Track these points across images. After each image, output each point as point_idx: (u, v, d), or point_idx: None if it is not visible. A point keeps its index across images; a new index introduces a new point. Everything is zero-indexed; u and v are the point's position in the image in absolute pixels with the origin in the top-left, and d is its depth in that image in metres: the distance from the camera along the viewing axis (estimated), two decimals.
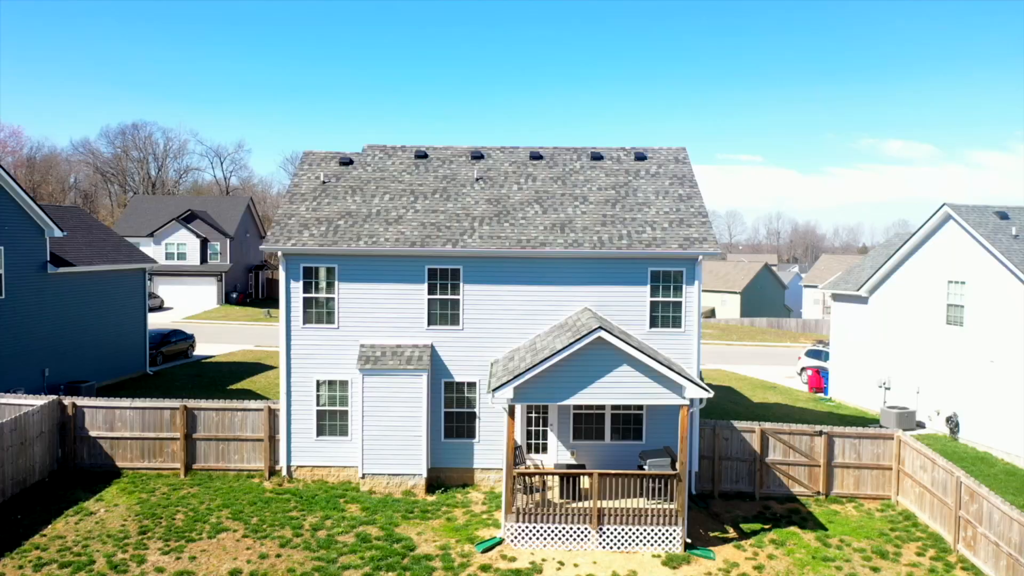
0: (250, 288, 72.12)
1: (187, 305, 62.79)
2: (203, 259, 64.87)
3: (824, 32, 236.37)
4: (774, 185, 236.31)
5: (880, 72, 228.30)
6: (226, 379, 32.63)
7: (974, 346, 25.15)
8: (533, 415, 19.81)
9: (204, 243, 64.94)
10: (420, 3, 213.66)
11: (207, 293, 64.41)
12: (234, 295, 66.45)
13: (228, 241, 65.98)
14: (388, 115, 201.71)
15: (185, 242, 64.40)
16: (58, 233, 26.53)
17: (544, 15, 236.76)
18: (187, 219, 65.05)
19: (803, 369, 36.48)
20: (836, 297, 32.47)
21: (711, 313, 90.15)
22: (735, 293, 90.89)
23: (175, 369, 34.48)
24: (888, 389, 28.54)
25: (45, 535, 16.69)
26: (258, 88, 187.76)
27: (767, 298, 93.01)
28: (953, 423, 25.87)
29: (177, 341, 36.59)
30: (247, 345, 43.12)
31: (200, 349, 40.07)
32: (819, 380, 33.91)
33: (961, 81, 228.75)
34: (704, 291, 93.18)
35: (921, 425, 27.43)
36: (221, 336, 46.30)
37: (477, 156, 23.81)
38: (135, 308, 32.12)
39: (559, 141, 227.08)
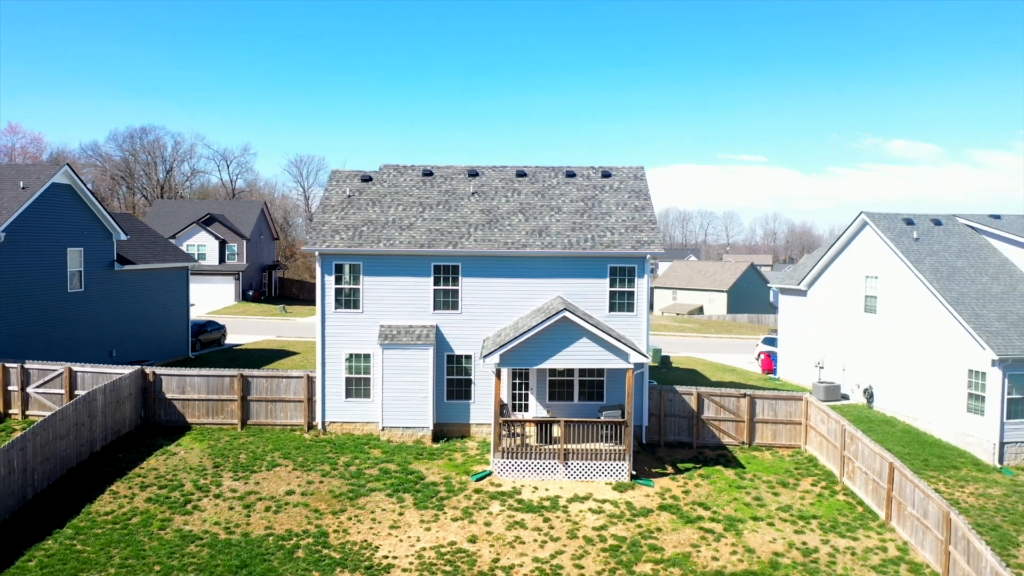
0: (264, 286, 77.35)
1: (207, 302, 67.95)
2: (221, 259, 70.09)
3: (829, 32, 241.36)
4: (776, 185, 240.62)
5: (884, 71, 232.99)
6: (257, 362, 37.78)
7: (884, 330, 30.34)
8: (516, 381, 24.98)
9: (222, 244, 70.15)
10: (419, 7, 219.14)
11: (225, 291, 69.63)
12: (250, 292, 71.70)
13: (244, 243, 71.20)
14: (386, 115, 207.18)
15: (205, 243, 69.60)
16: (123, 237, 31.74)
17: (547, 15, 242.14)
18: (206, 222, 70.30)
19: (760, 354, 41.65)
20: (783, 291, 37.67)
21: (699, 310, 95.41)
22: (722, 292, 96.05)
23: (213, 354, 39.67)
24: (822, 368, 33.71)
25: (143, 468, 21.93)
26: (261, 92, 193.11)
27: (752, 296, 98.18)
28: (869, 394, 31.07)
29: (212, 330, 41.79)
30: (269, 336, 48.33)
31: (228, 339, 45.22)
32: (770, 363, 39.10)
33: (965, 80, 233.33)
34: (693, 290, 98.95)
35: (845, 397, 32.61)
36: (244, 328, 51.48)
37: (473, 174, 29.02)
38: (179, 301, 37.33)
39: (563, 140, 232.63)
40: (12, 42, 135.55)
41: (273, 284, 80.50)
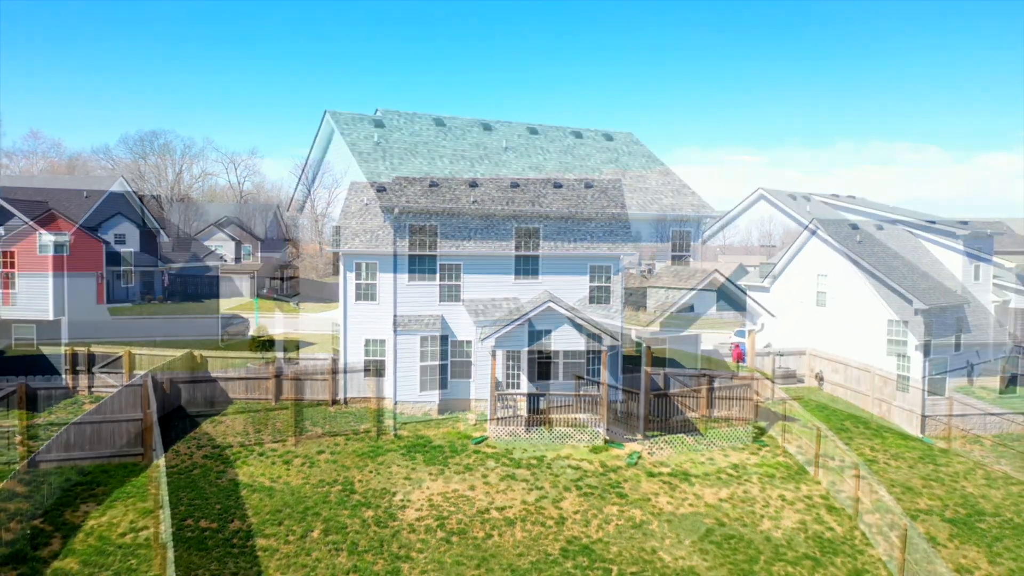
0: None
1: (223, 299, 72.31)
2: (237, 259, 74.37)
3: (832, 32, 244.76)
4: (779, 187, 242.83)
5: (887, 72, 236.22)
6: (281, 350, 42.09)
7: (832, 321, 34.62)
8: (510, 362, 29.24)
9: (238, 245, 74.47)
10: (418, 7, 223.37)
11: (241, 289, 73.90)
12: (264, 291, 76.00)
13: (259, 243, 75.53)
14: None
15: (222, 244, 73.87)
16: (166, 239, 36.08)
17: (549, 14, 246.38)
18: (223, 224, 74.61)
19: (731, 345, 45.88)
20: (750, 288, 41.92)
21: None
22: (712, 291, 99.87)
23: (240, 343, 43.98)
24: (782, 356, 37.96)
25: (196, 432, 26.25)
26: (265, 94, 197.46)
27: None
28: (820, 377, 35.35)
29: (237, 323, 46.13)
30: (286, 329, 52.62)
31: (250, 332, 49.51)
32: (739, 353, 43.33)
33: (968, 83, 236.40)
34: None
35: (800, 380, 36.88)
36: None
37: (473, 184, 33.27)
38: (210, 296, 41.61)
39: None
40: (14, 44, 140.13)
41: (285, 283, 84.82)
